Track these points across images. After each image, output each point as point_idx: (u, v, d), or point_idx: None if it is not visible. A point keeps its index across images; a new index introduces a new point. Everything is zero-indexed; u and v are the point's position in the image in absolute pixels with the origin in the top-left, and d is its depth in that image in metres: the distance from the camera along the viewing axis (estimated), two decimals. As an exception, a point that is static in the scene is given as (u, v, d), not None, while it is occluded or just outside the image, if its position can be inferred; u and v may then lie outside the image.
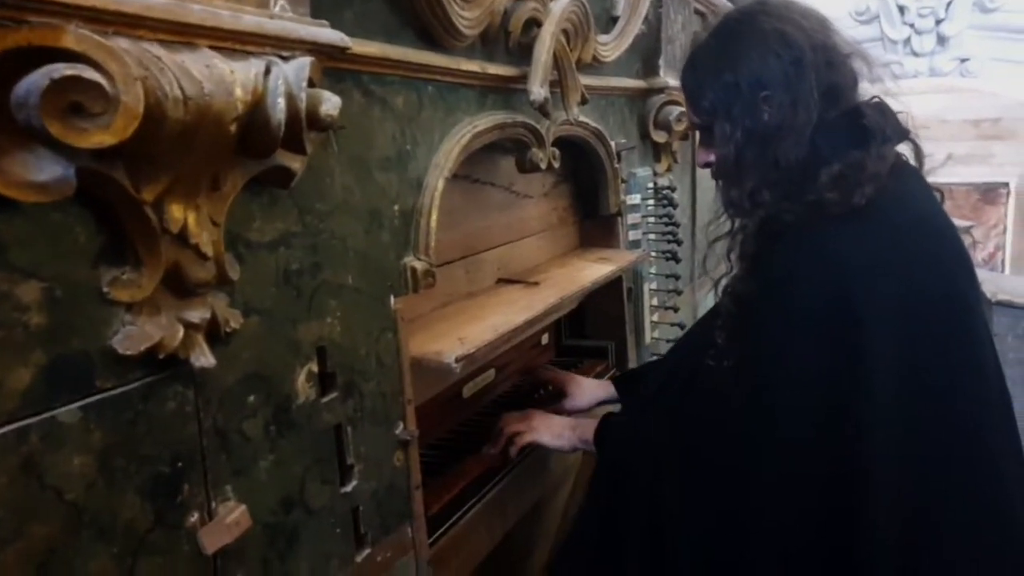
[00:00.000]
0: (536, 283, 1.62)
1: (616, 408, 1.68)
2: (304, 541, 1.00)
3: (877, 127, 1.19)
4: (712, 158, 1.33)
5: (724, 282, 1.28)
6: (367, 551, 1.12)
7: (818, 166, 1.17)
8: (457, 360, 1.17)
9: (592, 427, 1.45)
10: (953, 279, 1.18)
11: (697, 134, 1.48)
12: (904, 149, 1.29)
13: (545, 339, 2.06)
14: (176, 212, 0.73)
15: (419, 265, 1.16)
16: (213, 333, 0.82)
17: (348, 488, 1.07)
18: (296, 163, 0.87)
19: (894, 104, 1.28)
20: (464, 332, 1.29)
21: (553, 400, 1.76)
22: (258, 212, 0.90)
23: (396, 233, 1.14)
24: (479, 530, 1.43)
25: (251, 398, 0.91)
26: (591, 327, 2.14)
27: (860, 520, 1.13)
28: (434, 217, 1.18)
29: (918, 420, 1.14)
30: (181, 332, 0.77)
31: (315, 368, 1.00)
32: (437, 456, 1.49)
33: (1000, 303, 2.55)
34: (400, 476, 1.18)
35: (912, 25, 5.55)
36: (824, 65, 1.21)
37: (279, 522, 0.96)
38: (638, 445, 1.34)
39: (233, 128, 0.72)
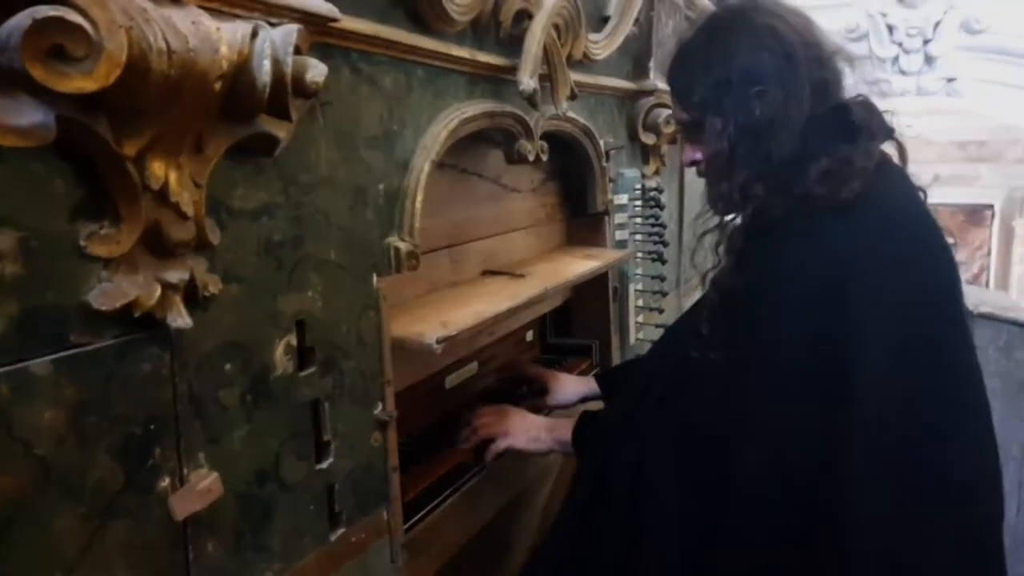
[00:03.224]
0: (521, 275, 1.62)
1: (595, 405, 1.68)
2: (278, 515, 0.99)
3: (864, 123, 1.20)
4: (699, 155, 1.33)
5: (711, 275, 1.28)
6: (341, 530, 1.11)
7: (806, 161, 1.17)
8: (439, 341, 1.17)
9: (569, 427, 1.45)
10: (940, 271, 1.19)
11: (681, 134, 1.48)
12: (889, 149, 1.30)
13: (530, 336, 2.06)
14: (157, 169, 0.73)
15: (403, 246, 1.16)
16: (191, 296, 0.82)
17: (324, 465, 1.07)
18: (281, 131, 0.87)
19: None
20: (447, 316, 1.28)
21: (535, 396, 1.76)
22: (242, 180, 0.90)
23: (380, 212, 1.14)
24: (455, 520, 1.42)
25: (228, 366, 0.90)
26: (576, 326, 2.14)
27: (844, 522, 1.12)
28: (419, 199, 1.18)
29: (903, 418, 1.14)
30: (158, 291, 0.77)
31: (294, 341, 1.00)
32: (416, 445, 1.49)
33: (982, 315, 2.56)
34: (377, 457, 1.18)
35: (900, 44, 5.63)
36: (814, 61, 1.22)
37: (253, 494, 0.95)
38: (618, 443, 1.33)
39: (218, 86, 0.72)
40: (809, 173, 1.16)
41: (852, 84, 1.31)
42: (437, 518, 1.37)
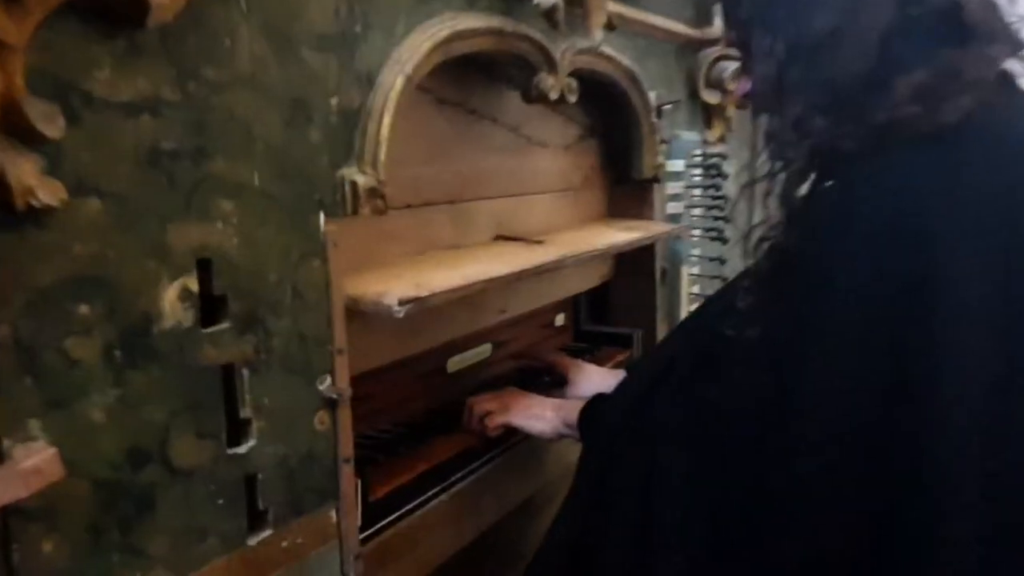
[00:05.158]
0: (539, 242, 1.36)
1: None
2: (163, 509, 0.76)
3: (980, 23, 0.88)
4: (750, 86, 1.05)
5: (758, 233, 0.99)
6: (267, 532, 0.88)
7: (891, 75, 0.87)
8: (400, 303, 0.93)
9: (578, 409, 1.19)
10: None
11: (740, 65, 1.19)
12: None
13: (561, 319, 1.79)
14: (-78, 6, 0.51)
15: (362, 180, 0.92)
16: (6, 203, 0.60)
17: (241, 449, 0.84)
18: (154, -9, 0.65)
19: None
20: (426, 278, 1.04)
21: (556, 387, 1.50)
22: (107, 60, 0.67)
23: (333, 134, 0.90)
24: (439, 527, 1.18)
25: (83, 308, 0.68)
26: (616, 312, 1.87)
27: (924, 544, 0.83)
28: (387, 123, 0.93)
29: (1009, 427, 0.83)
30: (-61, 188, 0.55)
31: (194, 286, 0.77)
32: (399, 434, 1.25)
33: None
34: (323, 443, 0.94)
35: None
36: None
37: (123, 480, 0.73)
38: (625, 435, 1.07)
39: None
40: (897, 90, 0.85)
41: None
42: (413, 524, 1.13)
